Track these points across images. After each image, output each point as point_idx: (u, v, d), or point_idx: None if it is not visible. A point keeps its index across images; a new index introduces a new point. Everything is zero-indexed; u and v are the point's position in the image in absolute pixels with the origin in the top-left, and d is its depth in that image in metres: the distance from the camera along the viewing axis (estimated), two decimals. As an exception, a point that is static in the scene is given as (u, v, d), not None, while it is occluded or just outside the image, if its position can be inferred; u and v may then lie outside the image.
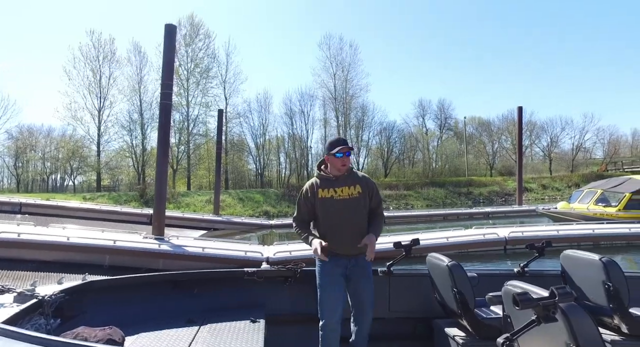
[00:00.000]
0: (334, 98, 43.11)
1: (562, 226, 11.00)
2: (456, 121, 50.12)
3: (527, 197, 31.64)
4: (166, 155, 9.47)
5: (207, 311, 2.82)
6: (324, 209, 2.56)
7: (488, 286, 2.63)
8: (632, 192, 12.21)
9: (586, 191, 13.89)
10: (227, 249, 7.81)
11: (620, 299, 2.71)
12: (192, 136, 35.36)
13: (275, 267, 3.12)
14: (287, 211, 26.13)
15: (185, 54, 34.43)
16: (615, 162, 40.76)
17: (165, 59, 9.75)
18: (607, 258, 2.79)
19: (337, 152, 2.53)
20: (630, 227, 10.37)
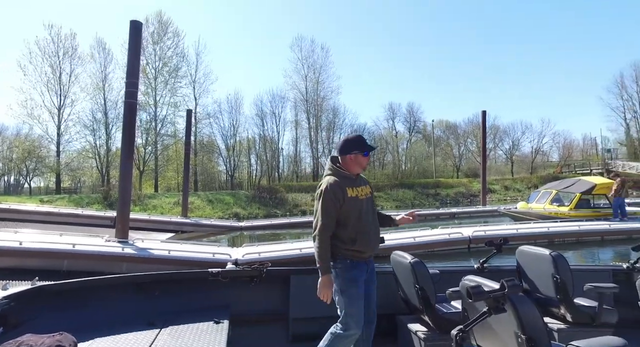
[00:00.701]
0: (306, 100, 43.26)
1: (520, 225, 11.58)
2: (425, 124, 51.49)
3: (491, 197, 32.95)
4: (131, 156, 9.19)
5: (169, 314, 2.75)
6: (354, 209, 2.38)
7: (449, 282, 2.72)
8: (581, 193, 13.03)
9: (542, 191, 14.70)
10: (195, 251, 7.68)
11: (566, 290, 2.88)
12: (160, 137, 34.38)
13: (241, 268, 3.08)
14: (257, 212, 25.91)
15: (153, 52, 33.48)
16: (568, 165, 43.26)
17: (130, 56, 9.47)
18: (555, 253, 2.97)
19: (364, 150, 2.46)
20: (579, 225, 11.10)
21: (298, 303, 3.05)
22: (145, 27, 32.65)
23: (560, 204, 13.49)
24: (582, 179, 14.12)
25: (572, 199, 13.10)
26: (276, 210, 26.86)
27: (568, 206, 13.09)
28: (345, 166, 2.46)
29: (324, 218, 2.31)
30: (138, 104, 31.01)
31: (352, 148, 2.44)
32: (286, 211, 26.91)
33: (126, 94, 9.25)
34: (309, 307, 3.03)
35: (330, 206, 2.32)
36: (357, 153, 2.43)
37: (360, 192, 2.45)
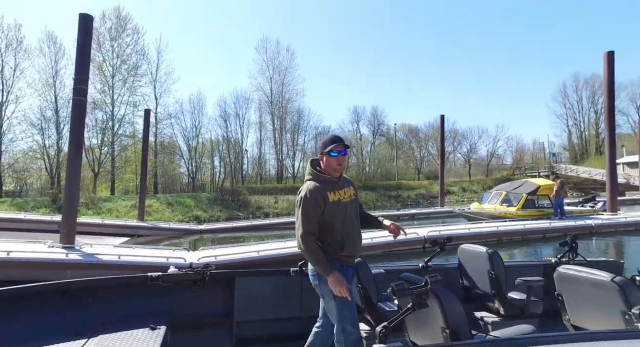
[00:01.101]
0: (270, 102, 43.01)
1: (473, 225, 12.15)
2: (388, 128, 52.70)
3: (450, 199, 34.26)
4: (79, 155, 8.73)
5: (101, 323, 2.60)
6: (337, 213, 2.30)
7: (394, 281, 2.85)
8: (527, 193, 13.86)
9: (494, 192, 15.49)
10: (148, 255, 7.37)
11: (499, 285, 3.07)
12: (118, 137, 32.88)
13: (183, 271, 2.99)
14: (219, 215, 25.39)
15: (110, 49, 31.98)
16: (520, 168, 45.86)
17: (79, 51, 9.00)
18: (491, 250, 3.15)
19: (331, 150, 2.31)
20: (524, 224, 11.82)
21: (243, 306, 3.02)
22: (102, 22, 31.20)
23: (509, 204, 14.27)
24: (528, 181, 15.03)
25: (519, 200, 13.90)
26: (239, 213, 26.46)
27: (516, 206, 13.88)
28: (324, 168, 2.39)
29: (305, 225, 2.24)
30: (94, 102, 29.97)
31: (322, 148, 2.37)
32: (249, 214, 26.58)
33: (74, 91, 8.79)
34: (254, 310, 3.04)
35: (311, 213, 2.25)
36: (325, 154, 2.35)
37: (343, 195, 2.37)
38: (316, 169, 2.40)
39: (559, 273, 2.55)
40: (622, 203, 24.30)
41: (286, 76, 43.26)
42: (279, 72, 43.24)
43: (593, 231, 12.13)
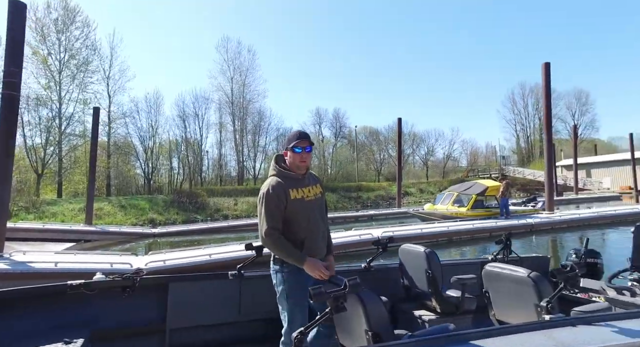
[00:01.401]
0: (231, 102, 42.30)
1: (425, 225, 12.62)
2: (350, 130, 53.53)
3: (408, 200, 35.35)
4: (9, 154, 8.09)
5: (6, 340, 2.32)
6: (298, 212, 2.24)
7: None
8: (476, 194, 14.61)
9: (446, 193, 16.16)
10: (89, 262, 6.94)
11: (436, 283, 3.13)
12: (66, 136, 30.88)
13: (110, 278, 2.78)
14: (175, 218, 24.59)
15: (57, 42, 29.94)
16: (473, 169, 48.22)
17: (9, 41, 8.35)
18: (429, 250, 3.22)
19: (295, 146, 2.26)
20: (473, 224, 12.43)
21: (177, 313, 2.90)
22: (47, 13, 29.19)
23: (460, 205, 14.94)
24: (478, 183, 15.85)
25: (469, 201, 14.62)
26: (196, 215, 25.77)
27: (466, 207, 14.58)
28: (288, 164, 2.33)
29: (269, 221, 2.19)
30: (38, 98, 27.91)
31: (287, 143, 2.32)
32: (207, 216, 25.97)
33: (4, 85, 8.14)
34: (190, 316, 2.93)
35: (273, 208, 2.21)
36: (289, 149, 2.30)
37: (307, 193, 2.31)
38: (280, 165, 2.35)
39: (485, 271, 2.67)
40: (560, 203, 26.25)
41: (247, 77, 42.78)
42: (240, 72, 42.67)
43: (533, 229, 13.02)
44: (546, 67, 14.89)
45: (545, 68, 14.90)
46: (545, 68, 14.90)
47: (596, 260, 3.88)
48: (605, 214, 14.88)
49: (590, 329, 1.87)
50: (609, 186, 36.85)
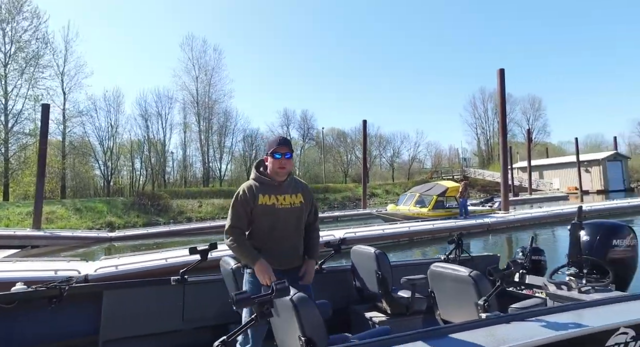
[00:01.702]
0: (196, 102, 41.33)
1: (387, 226, 12.87)
2: (318, 132, 53.74)
3: (374, 201, 35.90)
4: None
5: None
6: (264, 217, 2.25)
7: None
8: (437, 195, 15.08)
9: (409, 194, 16.57)
10: (32, 269, 6.45)
11: (386, 284, 3.12)
12: (14, 135, 28.91)
13: (33, 288, 2.52)
14: (136, 221, 23.65)
15: (1, 32, 27.99)
16: (437, 171, 49.81)
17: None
18: (379, 251, 3.20)
19: (275, 152, 2.25)
20: (433, 224, 12.79)
21: (112, 323, 2.73)
22: (-11, 1, 27.25)
23: (422, 205, 15.34)
24: (438, 184, 16.36)
25: (430, 201, 15.06)
26: (158, 218, 24.92)
27: (427, 207, 15.00)
28: (268, 170, 2.33)
29: (231, 220, 2.25)
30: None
31: (267, 149, 2.33)
32: (170, 219, 25.17)
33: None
34: (126, 326, 2.77)
35: (239, 209, 2.25)
36: (269, 155, 2.29)
37: (282, 201, 2.28)
38: (259, 170, 2.37)
39: (430, 271, 2.68)
40: (515, 203, 27.65)
41: (213, 76, 41.99)
42: (205, 71, 41.81)
43: (490, 229, 13.58)
44: (501, 73, 15.63)
45: (500, 74, 15.63)
46: (500, 74, 15.63)
47: (540, 257, 4.06)
48: (553, 213, 15.81)
49: (523, 325, 1.94)
50: (558, 186, 39.22)
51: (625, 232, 3.45)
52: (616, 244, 3.38)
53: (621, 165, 39.80)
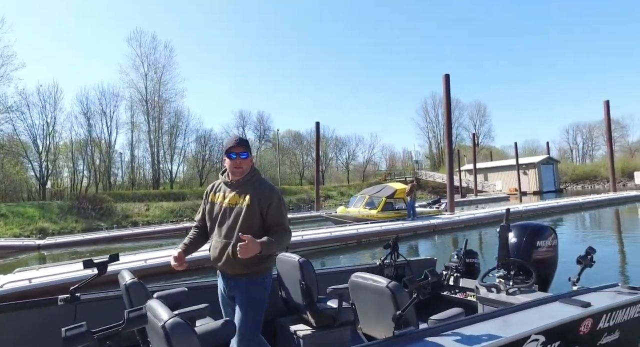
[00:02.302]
0: (145, 100, 39.35)
1: (335, 228, 12.85)
2: (275, 133, 53.23)
3: (329, 203, 36.07)
4: None
5: None
6: (209, 214, 2.33)
7: (198, 299, 2.59)
8: (386, 197, 15.34)
9: (359, 196, 16.73)
10: None
11: (311, 295, 2.89)
12: None
13: None
14: (74, 226, 21.94)
15: None
16: (391, 173, 51.18)
17: None
18: (303, 259, 2.96)
19: (230, 152, 2.24)
20: (381, 226, 12.96)
21: None
22: None
23: (372, 207, 15.53)
24: (387, 186, 16.65)
25: (379, 203, 15.28)
26: (100, 223, 23.30)
27: (377, 209, 15.20)
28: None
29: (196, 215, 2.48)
30: None
31: (223, 149, 2.34)
32: (113, 223, 23.63)
33: None
34: None
35: (202, 203, 2.44)
36: (225, 156, 2.30)
37: (227, 199, 2.28)
38: (223, 173, 2.44)
39: (350, 281, 2.51)
40: (462, 204, 29.00)
41: (164, 74, 40.19)
42: (155, 69, 39.93)
43: (436, 229, 13.99)
44: (446, 79, 16.25)
45: (446, 79, 16.25)
46: (446, 79, 16.25)
47: (474, 260, 4.16)
48: (494, 213, 16.63)
49: (436, 341, 1.90)
50: (501, 188, 41.79)
51: (547, 233, 3.60)
52: (539, 245, 3.51)
53: (552, 168, 43.45)
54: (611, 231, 12.88)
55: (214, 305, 2.44)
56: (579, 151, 65.10)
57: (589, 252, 3.24)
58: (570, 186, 47.56)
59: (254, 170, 2.34)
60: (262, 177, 2.39)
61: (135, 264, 7.39)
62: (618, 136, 59.33)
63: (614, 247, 9.47)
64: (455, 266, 4.22)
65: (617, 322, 2.75)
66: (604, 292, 2.99)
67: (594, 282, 3.32)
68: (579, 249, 3.45)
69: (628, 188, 35.15)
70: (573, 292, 2.88)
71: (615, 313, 2.72)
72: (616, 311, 2.73)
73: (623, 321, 2.80)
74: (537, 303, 2.61)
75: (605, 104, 27.55)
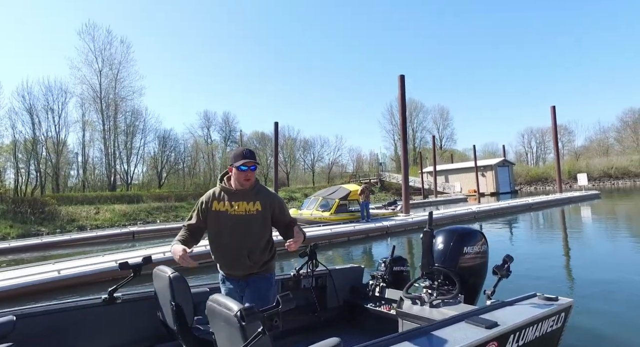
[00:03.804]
0: (100, 98, 37.45)
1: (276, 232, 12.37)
2: (242, 134, 52.28)
3: (293, 205, 35.58)
4: None
5: None
6: (216, 223, 2.38)
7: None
8: (339, 198, 15.06)
9: (312, 198, 16.40)
10: None
11: (183, 317, 2.46)
12: None
13: None
14: (8, 232, 20.30)
15: None
16: (356, 175, 51.48)
17: None
18: (175, 274, 2.53)
19: (241, 165, 2.34)
20: (331, 228, 12.60)
21: None
22: None
23: (325, 209, 15.21)
24: (342, 187, 16.41)
25: (333, 205, 15.01)
26: (41, 227, 21.71)
27: (330, 211, 14.92)
28: (232, 180, 2.44)
29: (187, 219, 2.49)
30: None
31: (233, 161, 2.40)
32: (56, 228, 22.09)
33: None
34: None
35: (195, 209, 2.46)
36: (234, 167, 2.38)
37: (236, 208, 2.37)
38: (221, 180, 2.51)
39: (207, 306, 1.98)
40: (423, 205, 29.45)
41: (120, 71, 38.47)
42: (110, 65, 38.12)
43: (389, 232, 13.88)
44: (401, 79, 16.28)
45: (401, 80, 16.28)
46: (401, 80, 16.28)
47: (402, 268, 3.89)
48: (448, 214, 16.84)
49: None
50: (460, 189, 42.98)
51: (476, 238, 3.33)
52: (466, 251, 3.23)
53: (508, 170, 45.23)
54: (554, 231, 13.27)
55: None
56: (534, 154, 68.36)
57: (506, 260, 3.00)
58: (524, 187, 49.74)
59: (256, 179, 2.50)
60: (261, 184, 2.54)
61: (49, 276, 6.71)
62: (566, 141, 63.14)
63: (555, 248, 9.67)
64: (381, 275, 3.92)
65: (528, 341, 2.51)
66: (519, 305, 2.76)
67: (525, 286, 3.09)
68: (525, 251, 3.22)
69: (573, 189, 37.06)
70: (482, 309, 2.63)
71: (525, 331, 2.47)
72: (526, 328, 2.48)
73: (535, 337, 2.58)
74: (440, 325, 2.32)
75: (552, 110, 28.84)
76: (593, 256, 8.37)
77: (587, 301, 4.99)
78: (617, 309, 4.66)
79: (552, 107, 28.83)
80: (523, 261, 8.12)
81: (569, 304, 2.89)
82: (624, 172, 46.67)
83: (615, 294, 5.29)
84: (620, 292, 5.33)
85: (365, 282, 4.08)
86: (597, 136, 61.45)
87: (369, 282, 3.99)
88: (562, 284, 5.88)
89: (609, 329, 4.06)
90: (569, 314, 2.93)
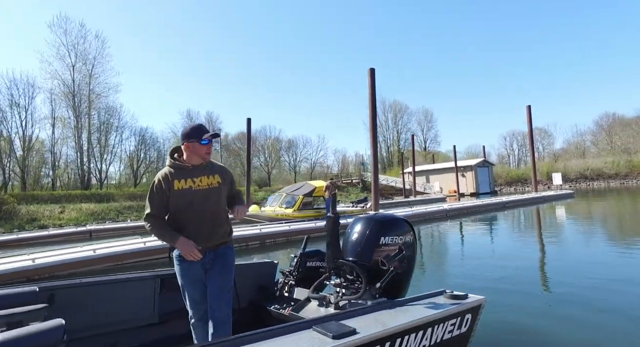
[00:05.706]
0: (72, 94, 36.19)
1: (236, 229, 11.78)
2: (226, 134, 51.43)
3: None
4: None
5: None
6: (181, 201, 2.34)
7: None
8: (304, 195, 14.47)
9: (276, 194, 15.82)
10: None
11: None
12: None
13: None
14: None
15: None
16: (339, 175, 51.10)
17: None
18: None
19: (205, 138, 2.39)
20: (290, 225, 11.96)
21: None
22: None
23: (289, 206, 14.61)
24: (307, 183, 15.85)
25: (296, 201, 14.42)
26: (-4, 227, 20.63)
27: (293, 208, 14.32)
28: (185, 157, 2.42)
29: (147, 207, 2.38)
30: None
31: (188, 136, 2.39)
32: (13, 227, 21.01)
33: None
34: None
35: (154, 196, 2.36)
36: (194, 141, 2.38)
37: (199, 183, 2.38)
38: (173, 157, 2.47)
39: None
40: (401, 204, 29.10)
41: (95, 67, 37.29)
42: (84, 60, 36.91)
43: (352, 229, 13.37)
44: (371, 73, 15.72)
45: (371, 74, 15.73)
46: (371, 74, 15.73)
47: (317, 263, 3.38)
48: (417, 212, 16.42)
49: None
50: (440, 189, 42.93)
51: (397, 227, 2.86)
52: (385, 243, 2.75)
53: (488, 171, 45.47)
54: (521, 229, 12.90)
55: None
56: (515, 156, 69.03)
57: (401, 248, 2.67)
58: (504, 188, 50.04)
59: None
60: None
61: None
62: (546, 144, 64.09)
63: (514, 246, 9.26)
64: (289, 271, 3.41)
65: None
66: (412, 305, 2.33)
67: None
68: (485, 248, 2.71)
69: (550, 189, 37.40)
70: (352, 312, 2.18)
71: (405, 339, 2.02)
72: (407, 334, 2.02)
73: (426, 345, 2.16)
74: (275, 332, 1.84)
75: (527, 109, 28.83)
76: (552, 254, 7.98)
77: (531, 298, 4.53)
78: (567, 308, 4.20)
79: (528, 107, 28.82)
80: (474, 257, 7.67)
81: (477, 303, 2.45)
82: (599, 174, 47.71)
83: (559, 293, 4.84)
84: (574, 292, 4.88)
85: (277, 280, 3.62)
86: (574, 139, 62.58)
87: (278, 279, 3.53)
88: (496, 282, 5.37)
89: (544, 325, 3.56)
90: (477, 314, 2.50)
